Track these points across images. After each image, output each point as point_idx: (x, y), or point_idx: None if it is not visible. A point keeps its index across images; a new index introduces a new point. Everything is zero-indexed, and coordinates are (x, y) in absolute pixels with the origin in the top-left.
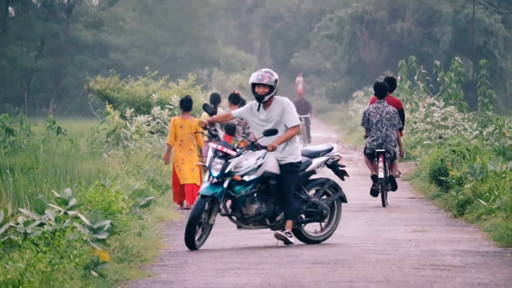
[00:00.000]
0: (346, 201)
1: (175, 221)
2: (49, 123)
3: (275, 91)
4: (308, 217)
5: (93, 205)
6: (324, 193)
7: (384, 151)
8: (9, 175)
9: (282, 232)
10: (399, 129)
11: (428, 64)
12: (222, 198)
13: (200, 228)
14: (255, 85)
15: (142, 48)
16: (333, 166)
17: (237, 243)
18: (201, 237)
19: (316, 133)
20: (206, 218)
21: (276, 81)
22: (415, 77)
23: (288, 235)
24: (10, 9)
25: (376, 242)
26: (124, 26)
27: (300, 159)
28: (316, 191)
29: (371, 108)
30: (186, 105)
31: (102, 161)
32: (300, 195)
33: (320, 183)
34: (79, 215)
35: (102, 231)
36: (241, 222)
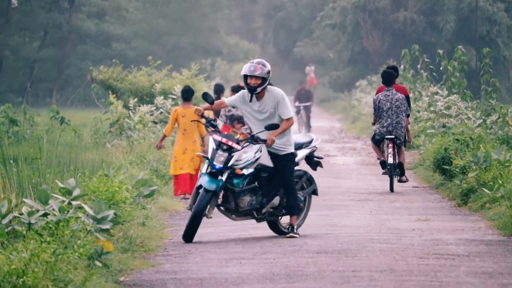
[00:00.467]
0: (317, 194)
1: (179, 211)
2: (53, 113)
3: (267, 82)
4: (287, 210)
5: (97, 195)
6: (301, 186)
7: (394, 137)
8: (12, 165)
9: (293, 233)
10: (407, 115)
11: (431, 53)
12: (221, 192)
13: None
14: (247, 76)
15: (145, 38)
16: (309, 157)
17: (241, 233)
18: None
19: (319, 122)
20: (205, 212)
21: (269, 72)
22: (418, 66)
23: (296, 233)
24: None
25: (379, 232)
26: (127, 16)
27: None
28: (295, 184)
29: (380, 96)
30: (185, 95)
31: (105, 151)
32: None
33: (299, 175)
34: (83, 205)
35: (106, 221)
36: (231, 213)
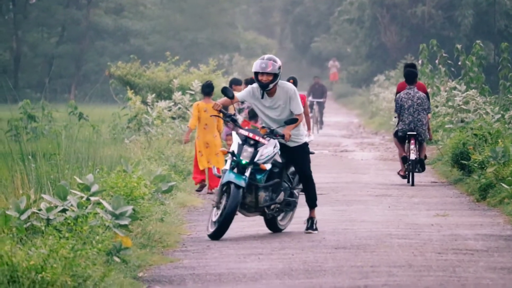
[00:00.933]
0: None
1: (197, 206)
2: (71, 108)
3: (279, 78)
4: (286, 206)
5: (115, 191)
6: (296, 183)
7: (415, 134)
8: (31, 161)
9: (313, 230)
10: (427, 113)
11: (449, 48)
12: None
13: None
14: (258, 73)
15: (162, 34)
16: None
17: (259, 229)
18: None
19: (337, 117)
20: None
21: (280, 67)
22: (437, 61)
23: (315, 228)
24: None
25: (398, 227)
26: (145, 11)
27: None
28: (292, 179)
29: (402, 95)
30: (206, 89)
31: (124, 147)
32: (286, 183)
33: (293, 171)
34: (101, 201)
35: (124, 217)
36: (245, 210)
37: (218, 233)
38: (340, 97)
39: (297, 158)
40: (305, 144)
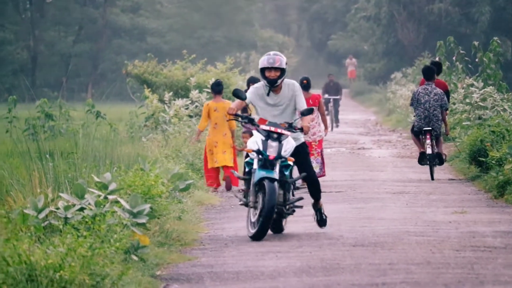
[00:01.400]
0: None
1: (214, 204)
2: (88, 107)
3: (285, 73)
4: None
5: (133, 189)
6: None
7: (430, 129)
8: (49, 160)
9: (322, 222)
10: (445, 109)
11: (466, 45)
12: None
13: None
14: (264, 69)
15: (179, 32)
16: None
17: None
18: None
19: (354, 115)
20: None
21: (286, 63)
22: (454, 58)
23: (324, 220)
24: None
25: (416, 224)
26: (161, 10)
27: None
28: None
29: (420, 89)
30: (216, 88)
31: (141, 145)
32: (294, 183)
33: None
34: (119, 199)
35: (142, 215)
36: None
37: (260, 233)
38: (357, 94)
39: (301, 152)
40: (304, 143)
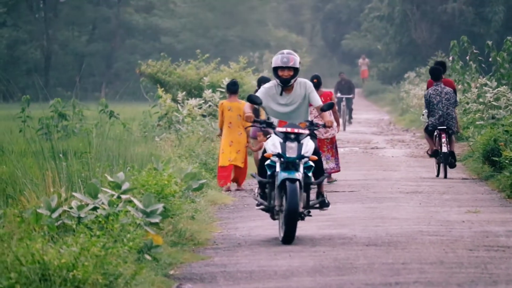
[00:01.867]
0: None
1: (227, 204)
2: (102, 107)
3: (298, 73)
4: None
5: (146, 189)
6: None
7: (446, 128)
8: (62, 159)
9: (324, 204)
10: (455, 106)
11: (480, 44)
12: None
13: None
14: (277, 68)
15: (193, 31)
16: None
17: None
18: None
19: (368, 114)
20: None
21: (300, 62)
22: (467, 58)
23: (326, 203)
24: None
25: (429, 224)
26: (175, 9)
27: None
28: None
29: (430, 91)
30: (232, 88)
31: (154, 144)
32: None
33: None
34: (132, 199)
35: (155, 215)
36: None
37: (288, 237)
38: (371, 94)
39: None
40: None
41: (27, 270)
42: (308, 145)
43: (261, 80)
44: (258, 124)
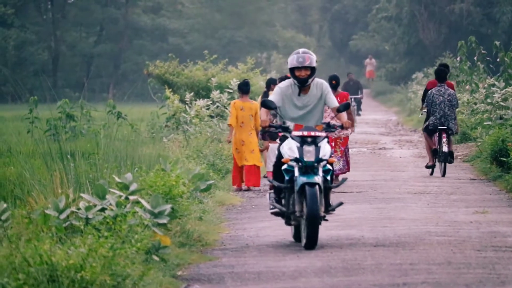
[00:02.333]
0: None
1: (235, 205)
2: (109, 108)
3: (315, 72)
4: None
5: (154, 190)
6: None
7: (446, 128)
8: (70, 160)
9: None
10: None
11: (487, 45)
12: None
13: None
14: (294, 69)
15: (201, 32)
16: None
17: None
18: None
19: (376, 115)
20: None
21: (316, 61)
22: (475, 58)
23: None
24: None
25: (437, 224)
26: (183, 10)
27: None
28: None
29: (434, 91)
30: (244, 88)
31: (162, 145)
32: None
33: None
34: (140, 199)
35: (163, 216)
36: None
37: (310, 242)
38: (379, 94)
39: None
40: None
41: (35, 271)
42: (326, 148)
43: (270, 82)
44: (274, 129)
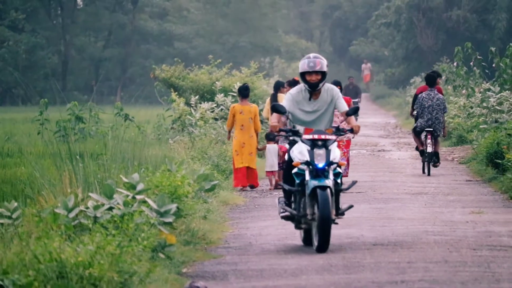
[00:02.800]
0: None
1: (239, 204)
2: (117, 110)
3: (326, 76)
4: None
5: (160, 190)
6: None
7: (432, 130)
8: (79, 161)
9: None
10: (444, 112)
11: (483, 51)
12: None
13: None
14: (305, 73)
15: (205, 38)
16: None
17: None
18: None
19: (375, 118)
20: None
21: (327, 65)
22: (471, 63)
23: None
24: (78, 0)
25: (434, 224)
26: (188, 16)
27: None
28: None
29: (424, 95)
30: (244, 92)
31: (168, 147)
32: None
33: None
34: (147, 199)
35: (168, 215)
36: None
37: (322, 245)
38: (378, 98)
39: None
40: None
41: (45, 268)
42: (336, 151)
43: (278, 85)
44: (284, 133)
